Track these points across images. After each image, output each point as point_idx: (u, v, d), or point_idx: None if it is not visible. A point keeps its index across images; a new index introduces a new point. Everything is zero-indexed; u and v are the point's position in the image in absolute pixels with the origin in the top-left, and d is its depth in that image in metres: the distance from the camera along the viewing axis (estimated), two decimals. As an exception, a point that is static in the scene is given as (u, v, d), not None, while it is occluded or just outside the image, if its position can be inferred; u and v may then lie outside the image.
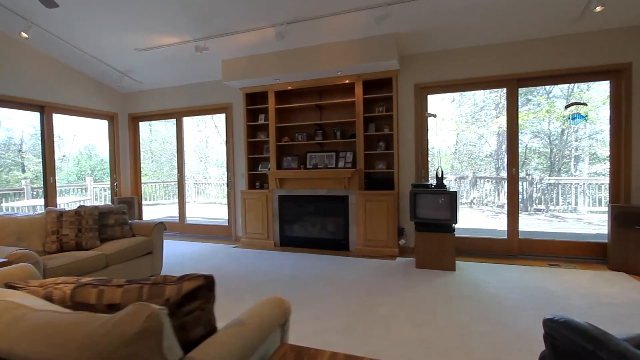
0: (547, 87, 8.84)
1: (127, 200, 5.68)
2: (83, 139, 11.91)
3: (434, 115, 3.85)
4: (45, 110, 4.73)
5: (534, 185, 8.12)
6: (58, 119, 4.85)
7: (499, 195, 8.78)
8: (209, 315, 1.16)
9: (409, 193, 3.94)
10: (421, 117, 4.24)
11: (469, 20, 3.54)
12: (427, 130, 4.28)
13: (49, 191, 4.81)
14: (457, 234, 4.36)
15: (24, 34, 3.79)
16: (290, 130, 4.93)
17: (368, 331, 2.29)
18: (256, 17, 3.62)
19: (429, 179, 4.32)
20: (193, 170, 13.06)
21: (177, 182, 5.68)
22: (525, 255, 3.97)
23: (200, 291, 1.11)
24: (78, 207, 3.26)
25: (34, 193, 7.86)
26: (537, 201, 8.03)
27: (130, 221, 3.59)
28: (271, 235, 4.80)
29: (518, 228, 4.01)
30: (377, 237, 4.23)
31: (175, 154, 5.85)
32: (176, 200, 10.54)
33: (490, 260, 3.86)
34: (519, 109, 3.97)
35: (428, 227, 3.62)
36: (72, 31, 4.10)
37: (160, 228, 3.56)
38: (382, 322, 2.40)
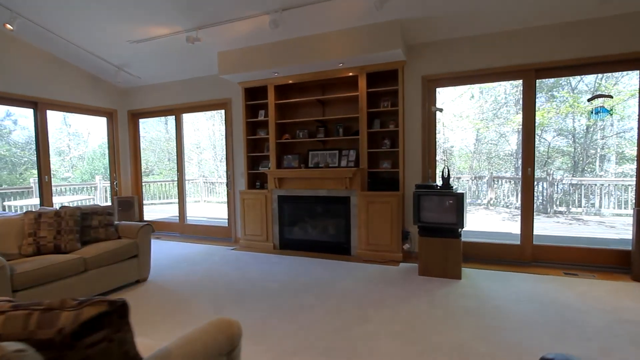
0: (572, 82, 8.27)
1: (127, 200, 5.60)
2: (97, 138, 12.08)
3: (441, 110, 3.53)
4: (39, 107, 4.67)
5: (555, 186, 7.60)
6: (76, 118, 4.86)
7: (517, 196, 8.31)
8: (124, 346, 0.93)
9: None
10: (428, 112, 3.92)
11: (480, 4, 3.21)
12: (435, 126, 3.96)
13: (44, 190, 4.75)
14: (468, 238, 4.04)
15: (8, 26, 3.68)
16: (292, 127, 4.70)
17: (352, 350, 2.02)
18: (248, 2, 3.40)
19: (437, 179, 4.00)
20: (205, 169, 13.04)
21: (177, 181, 5.54)
22: (540, 262, 3.60)
23: (106, 318, 0.89)
24: (60, 208, 3.13)
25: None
26: (557, 203, 7.52)
27: (116, 222, 3.44)
28: (270, 238, 4.59)
29: (532, 233, 3.64)
30: (380, 241, 3.94)
31: (194, 152, 5.71)
32: (191, 199, 10.59)
33: (500, 267, 3.52)
34: (542, 105, 3.59)
35: (432, 232, 3.31)
36: (60, 23, 3.99)
37: (147, 230, 3.39)
38: (370, 340, 2.13)
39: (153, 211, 8.35)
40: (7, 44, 4.27)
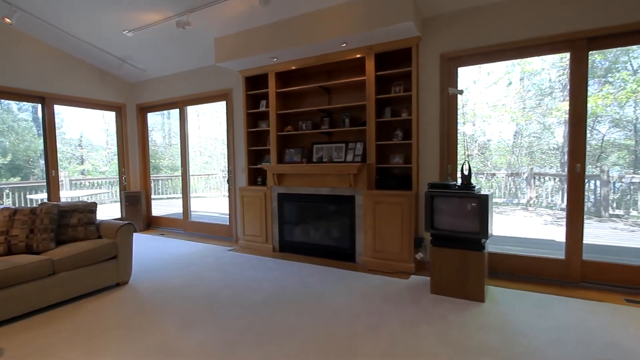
0: (633, 62, 7.00)
1: (134, 195, 5.49)
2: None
3: (461, 92, 2.89)
4: (46, 102, 4.62)
5: (611, 185, 6.51)
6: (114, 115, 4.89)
7: (563, 196, 7.30)
8: None
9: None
10: (448, 97, 3.29)
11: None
12: (456, 114, 3.32)
13: (52, 185, 4.71)
14: (498, 246, 3.39)
15: (7, 20, 3.59)
16: (295, 118, 4.26)
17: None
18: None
19: (457, 177, 3.37)
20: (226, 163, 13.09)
21: (181, 176, 5.34)
22: (591, 283, 2.86)
23: None
24: (40, 204, 2.95)
25: (85, 184, 8.43)
26: (614, 205, 6.43)
27: (99, 221, 3.22)
28: (270, 239, 4.21)
29: (582, 244, 2.91)
30: (388, 248, 3.41)
31: (220, 146, 5.46)
32: (215, 193, 10.63)
33: (538, 287, 2.84)
34: (596, 92, 2.82)
35: (448, 241, 2.72)
36: (56, 14, 3.84)
37: (128, 230, 3.13)
38: (352, 386, 1.65)
39: (171, 205, 8.36)
40: (13, 39, 4.22)
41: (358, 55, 3.56)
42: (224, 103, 4.79)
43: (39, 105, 4.61)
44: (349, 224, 3.69)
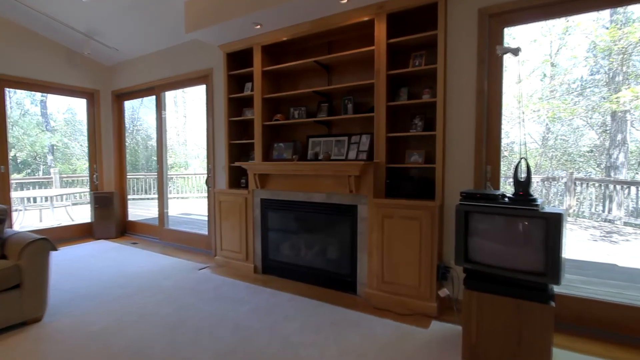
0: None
1: (105, 196, 4.74)
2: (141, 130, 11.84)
3: (516, 51, 1.92)
4: (-5, 84, 3.92)
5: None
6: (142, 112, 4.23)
7: (609, 205, 6.20)
8: None
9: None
10: (489, 65, 2.34)
11: None
12: (501, 92, 2.37)
13: (1, 183, 3.99)
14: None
15: None
16: (286, 104, 3.40)
17: None
18: None
19: (500, 183, 2.41)
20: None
21: (157, 175, 4.54)
22: None
23: None
24: None
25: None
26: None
27: (10, 233, 2.43)
28: (250, 257, 3.34)
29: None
30: (401, 280, 2.48)
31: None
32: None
33: (626, 354, 1.85)
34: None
35: (492, 283, 1.77)
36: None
37: (40, 248, 2.28)
38: None
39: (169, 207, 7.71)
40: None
41: (365, 18, 2.65)
42: (209, 87, 3.95)
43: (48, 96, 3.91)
44: (349, 242, 2.78)
